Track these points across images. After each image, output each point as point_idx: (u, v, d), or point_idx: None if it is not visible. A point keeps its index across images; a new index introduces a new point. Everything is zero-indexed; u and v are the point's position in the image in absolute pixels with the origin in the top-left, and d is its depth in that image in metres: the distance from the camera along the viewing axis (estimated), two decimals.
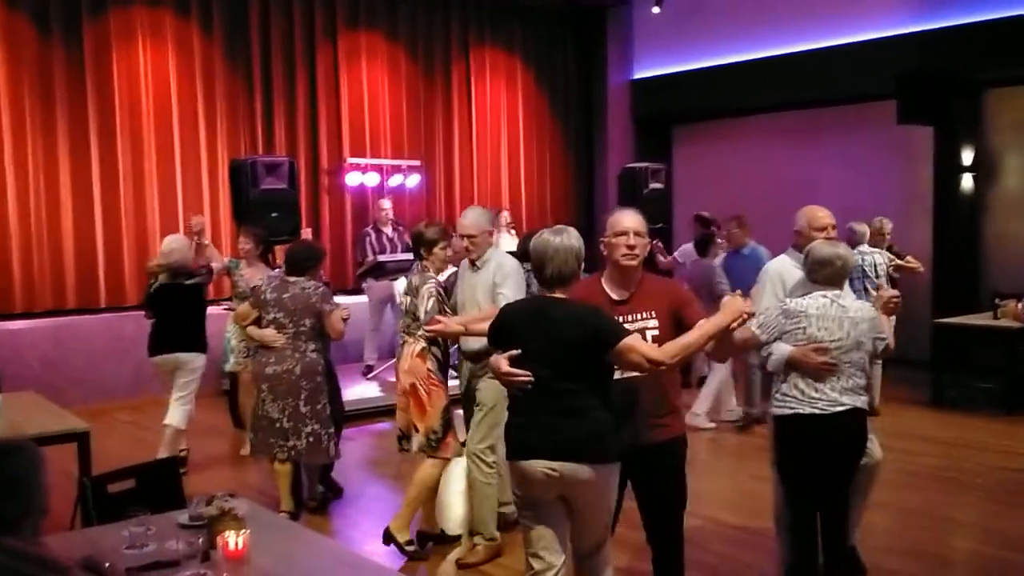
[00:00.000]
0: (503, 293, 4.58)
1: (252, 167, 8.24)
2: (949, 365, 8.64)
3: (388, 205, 9.63)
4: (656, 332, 3.42)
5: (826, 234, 4.21)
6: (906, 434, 7.29)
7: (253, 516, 3.05)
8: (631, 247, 3.45)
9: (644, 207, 10.23)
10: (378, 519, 5.34)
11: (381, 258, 8.97)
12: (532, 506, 3.30)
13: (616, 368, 3.30)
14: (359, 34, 10.99)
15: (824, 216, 4.31)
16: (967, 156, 9.88)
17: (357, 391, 8.48)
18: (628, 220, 3.51)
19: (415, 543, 4.96)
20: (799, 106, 11.09)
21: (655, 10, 11.30)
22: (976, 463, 6.70)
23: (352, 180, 10.75)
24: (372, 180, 10.80)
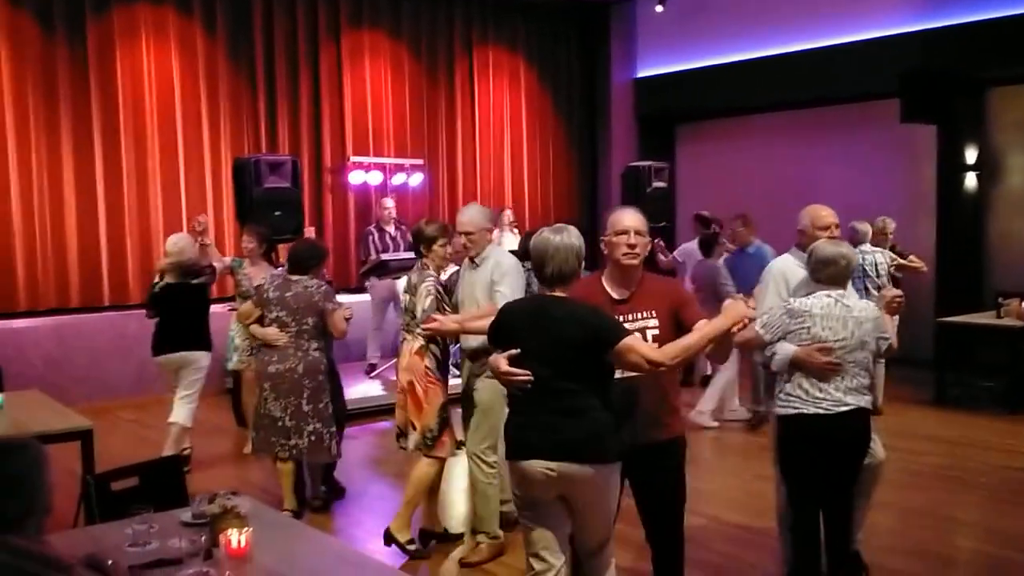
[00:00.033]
0: (500, 291, 4.58)
1: (255, 166, 8.25)
2: (952, 364, 8.64)
3: (391, 204, 9.63)
4: (656, 331, 3.41)
5: (829, 233, 4.21)
6: (909, 433, 7.28)
7: (256, 514, 3.05)
8: (632, 246, 3.44)
9: (647, 206, 10.34)
10: (381, 518, 5.34)
11: (384, 257, 8.97)
12: (532, 506, 3.29)
13: (616, 368, 3.29)
14: (362, 32, 10.99)
15: (827, 215, 4.31)
16: (970, 155, 9.87)
17: (360, 390, 8.49)
18: (629, 219, 3.49)
19: (416, 542, 4.97)
20: (802, 105, 11.08)
21: (658, 8, 11.31)
22: (979, 462, 6.69)
23: (355, 179, 10.75)
24: (375, 179, 10.80)
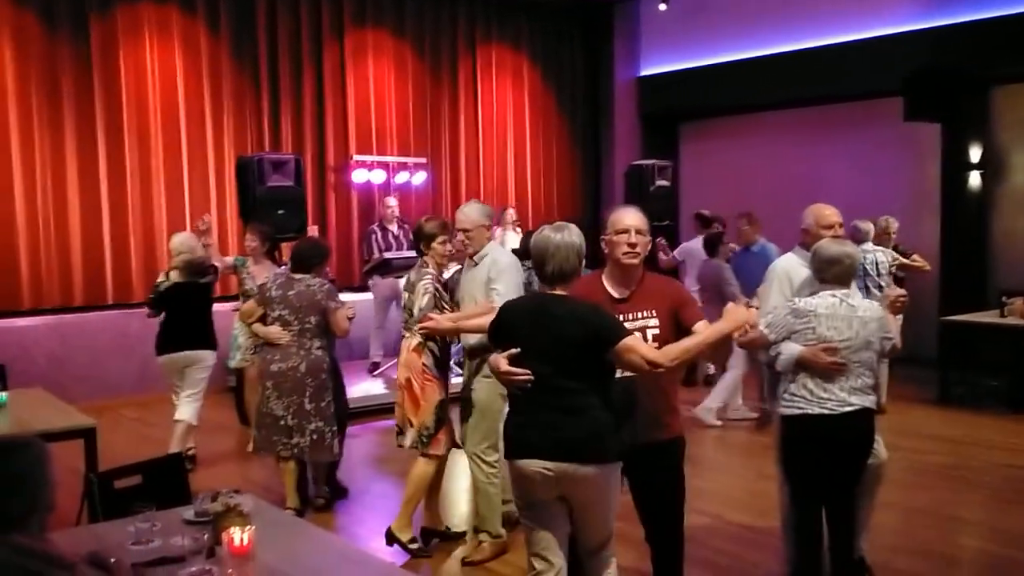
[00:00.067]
0: (496, 289, 4.56)
1: (259, 164, 8.26)
2: (956, 363, 8.62)
3: (394, 203, 9.63)
4: (657, 331, 3.40)
5: (833, 232, 4.19)
6: (913, 432, 7.27)
7: (258, 512, 3.05)
8: (632, 245, 3.42)
9: (650, 204, 10.35)
10: (383, 516, 5.34)
11: (387, 255, 8.98)
12: (532, 506, 3.28)
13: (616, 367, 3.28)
14: (366, 31, 10.99)
15: (831, 214, 4.29)
16: (975, 153, 9.85)
17: (362, 388, 8.50)
18: (630, 218, 3.48)
19: (418, 540, 4.96)
20: (806, 103, 11.06)
21: (662, 7, 11.30)
22: (983, 461, 6.69)
23: (358, 177, 10.75)
24: (378, 177, 10.80)
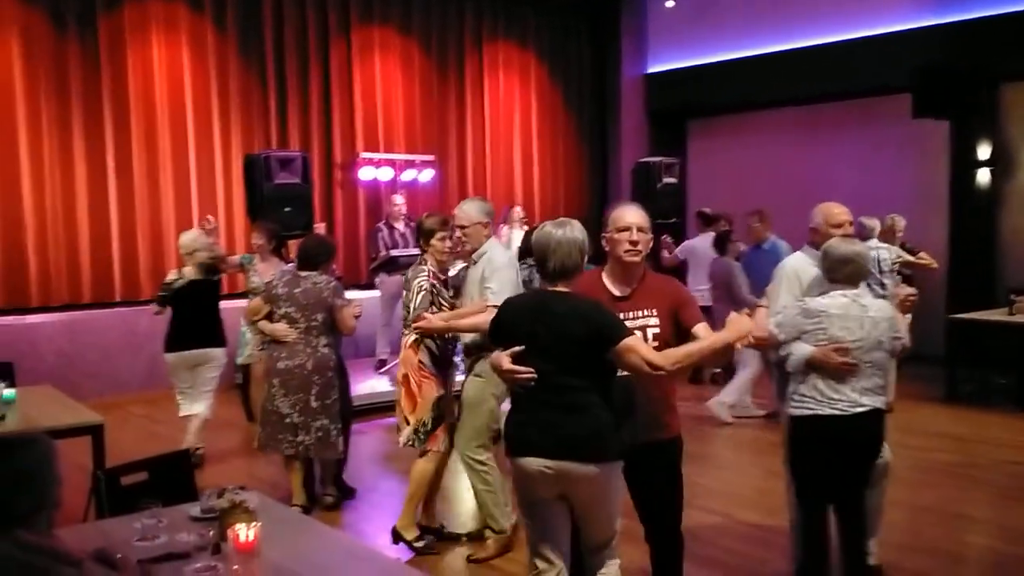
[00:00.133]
0: (490, 287, 4.53)
1: (266, 162, 8.28)
2: (964, 361, 8.59)
3: (401, 200, 9.62)
4: (657, 330, 3.38)
5: (843, 231, 4.16)
6: (920, 430, 7.26)
7: (264, 509, 3.05)
8: (634, 243, 3.40)
9: (658, 201, 10.35)
10: (390, 513, 5.34)
11: (394, 253, 8.98)
12: (533, 505, 3.27)
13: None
14: (372, 29, 10.99)
15: (841, 213, 4.25)
16: (983, 150, 9.81)
17: (368, 385, 8.50)
18: (631, 215, 3.45)
19: (424, 538, 4.96)
20: (814, 100, 11.04)
21: (669, 3, 11.29)
22: (991, 459, 6.67)
23: (365, 175, 10.76)
24: (385, 175, 10.80)
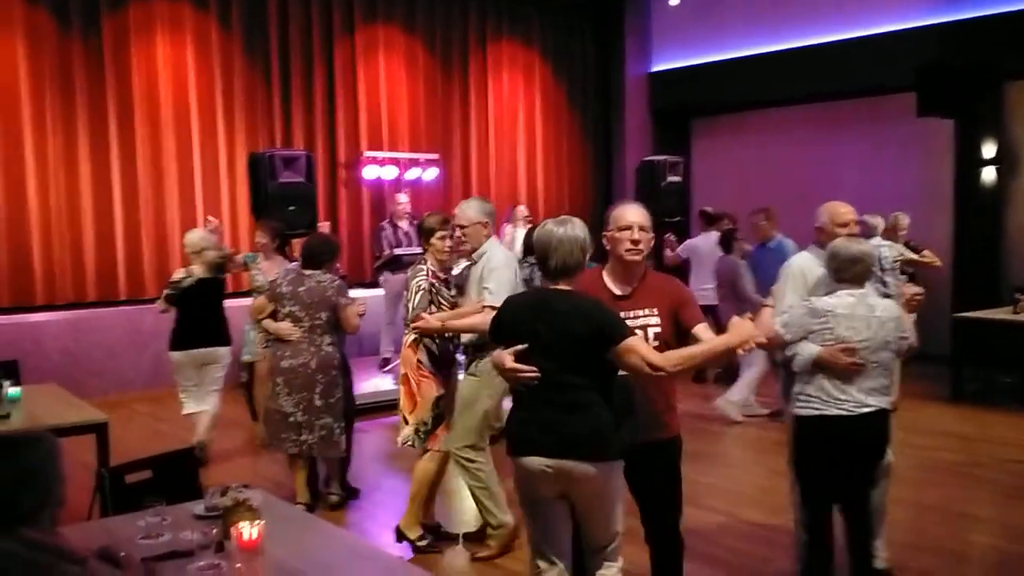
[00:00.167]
0: (487, 287, 4.52)
1: (270, 160, 8.29)
2: (969, 360, 8.57)
3: (405, 199, 9.62)
4: (658, 329, 3.37)
5: (848, 230, 4.14)
6: (925, 429, 7.25)
7: (268, 507, 3.06)
8: (636, 242, 3.38)
9: (662, 200, 10.35)
10: (393, 512, 5.35)
11: (397, 252, 8.98)
12: (535, 504, 3.26)
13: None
14: (376, 28, 11.00)
15: (846, 212, 4.23)
16: (988, 149, 9.79)
17: (372, 384, 8.51)
18: (632, 214, 3.43)
19: (426, 537, 4.96)
20: (818, 99, 11.02)
21: (673, 2, 11.26)
22: (995, 458, 6.65)
23: (369, 174, 10.75)
24: (389, 174, 10.80)
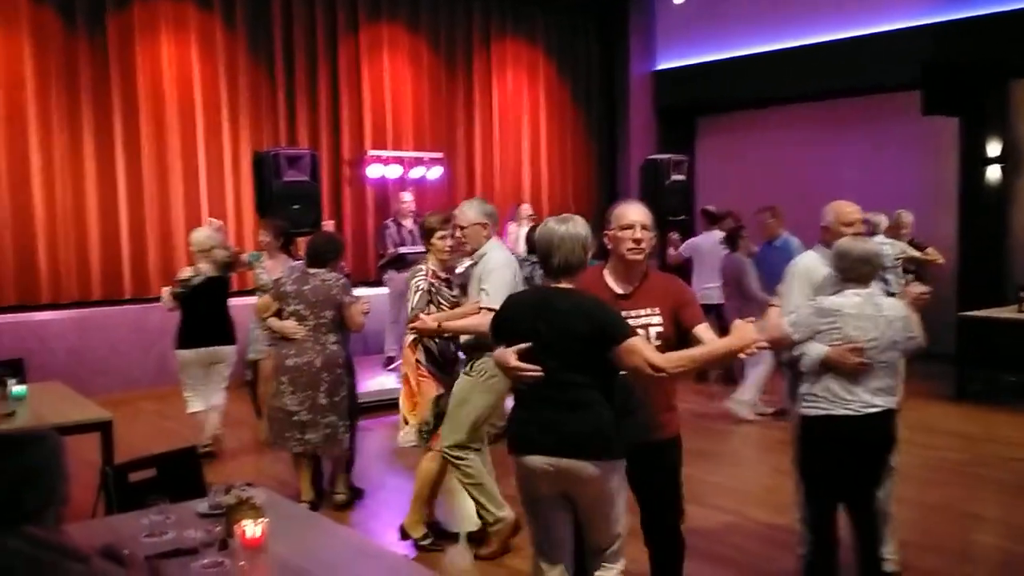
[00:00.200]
0: (484, 289, 4.50)
1: (274, 159, 8.30)
2: (973, 359, 8.53)
3: (409, 198, 9.63)
4: (660, 328, 3.36)
5: (854, 229, 4.13)
6: (929, 429, 7.23)
7: (272, 505, 3.07)
8: (638, 241, 3.36)
9: (666, 199, 10.34)
10: (397, 510, 5.35)
11: (402, 250, 8.99)
12: (536, 503, 3.26)
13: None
14: (381, 26, 11.00)
15: (852, 211, 4.21)
16: (994, 148, 9.75)
17: (377, 382, 8.51)
18: (634, 213, 3.42)
19: (431, 536, 4.95)
20: (823, 97, 10.99)
21: (677, 0, 11.24)
22: (1000, 457, 6.64)
23: (374, 172, 10.76)
24: (394, 172, 10.81)
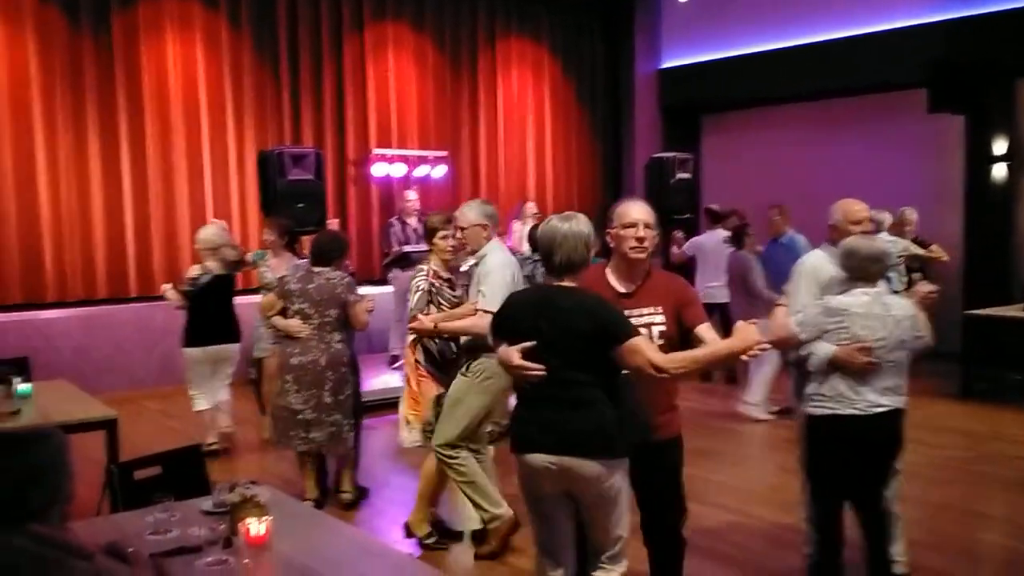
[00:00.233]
0: (480, 290, 4.50)
1: (279, 158, 8.31)
2: (979, 357, 8.52)
3: (414, 196, 9.63)
4: (664, 328, 3.35)
5: (862, 228, 4.12)
6: (935, 427, 7.21)
7: (276, 503, 3.07)
8: (640, 239, 3.35)
9: (671, 197, 10.34)
10: (402, 508, 5.35)
11: (406, 249, 9.00)
12: (539, 501, 3.25)
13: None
14: (386, 25, 11.00)
15: (860, 210, 4.20)
16: (999, 146, 9.72)
17: (381, 381, 8.51)
18: (637, 211, 3.40)
19: (435, 534, 4.95)
20: (829, 95, 10.97)
21: None
22: (1005, 456, 6.62)
23: (378, 171, 10.77)
24: (398, 171, 10.81)
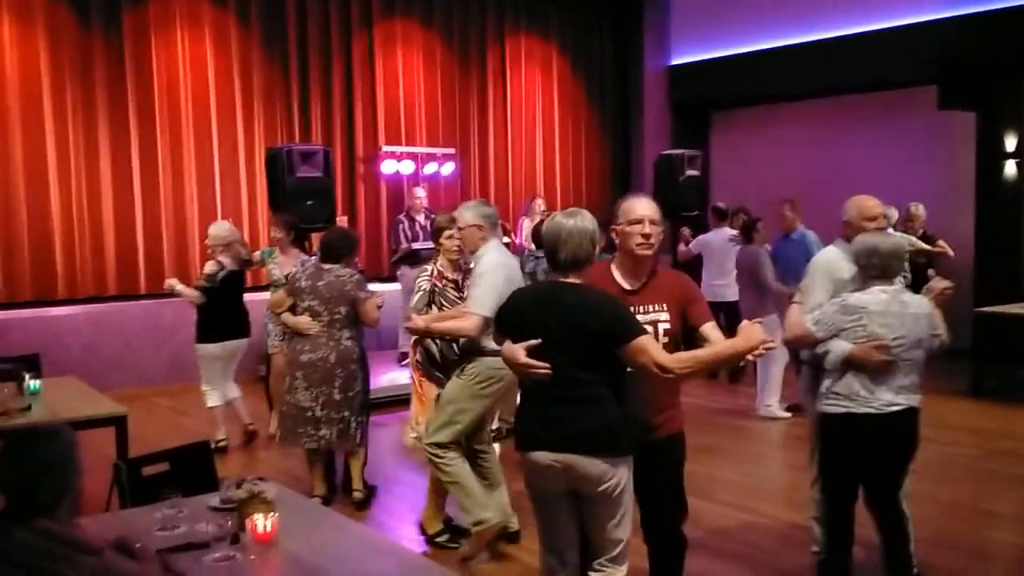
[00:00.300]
0: (474, 293, 4.47)
1: (288, 155, 8.31)
2: (990, 355, 8.47)
3: (422, 193, 9.65)
4: (668, 325, 3.33)
5: (876, 224, 4.10)
6: (945, 425, 7.18)
7: (283, 500, 3.08)
8: (646, 236, 3.32)
9: (680, 194, 10.30)
10: (411, 505, 5.37)
11: (415, 246, 9.01)
12: (543, 499, 3.24)
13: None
14: (394, 22, 11.01)
15: (874, 206, 4.18)
16: (1011, 142, 9.68)
17: (390, 377, 8.53)
18: (643, 208, 3.38)
19: (447, 532, 4.94)
20: (838, 92, 10.93)
21: None
22: (1016, 454, 6.60)
23: (387, 168, 10.77)
24: (407, 168, 10.82)
